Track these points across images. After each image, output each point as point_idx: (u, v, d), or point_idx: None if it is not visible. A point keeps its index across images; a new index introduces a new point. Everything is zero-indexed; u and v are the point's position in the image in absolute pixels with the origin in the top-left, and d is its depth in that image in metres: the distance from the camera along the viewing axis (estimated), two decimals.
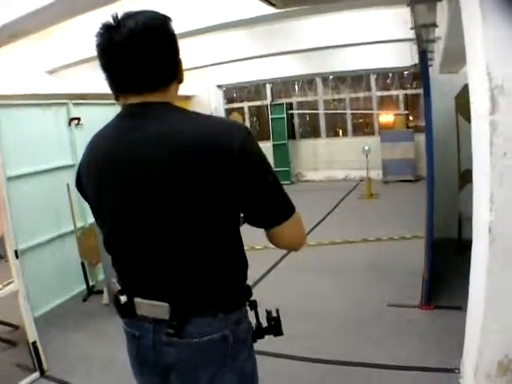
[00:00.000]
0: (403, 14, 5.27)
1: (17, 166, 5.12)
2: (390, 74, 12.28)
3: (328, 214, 8.81)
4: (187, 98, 13.64)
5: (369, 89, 12.53)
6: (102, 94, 8.85)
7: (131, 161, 1.45)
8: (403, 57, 7.24)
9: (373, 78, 12.37)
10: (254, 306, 1.69)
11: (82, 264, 5.60)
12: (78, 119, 5.91)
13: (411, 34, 4.73)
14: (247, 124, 13.58)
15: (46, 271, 5.37)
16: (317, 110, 12.98)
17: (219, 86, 13.75)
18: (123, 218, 1.50)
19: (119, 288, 1.59)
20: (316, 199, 10.29)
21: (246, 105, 13.86)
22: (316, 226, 8.00)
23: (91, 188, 1.58)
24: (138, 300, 1.53)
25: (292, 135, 13.13)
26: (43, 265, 5.38)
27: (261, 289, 5.43)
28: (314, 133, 13.32)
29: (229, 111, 13.72)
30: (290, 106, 13.05)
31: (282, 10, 5.67)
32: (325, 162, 12.83)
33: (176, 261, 1.46)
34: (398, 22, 7.32)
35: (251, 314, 1.67)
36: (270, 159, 12.47)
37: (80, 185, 1.66)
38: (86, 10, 4.26)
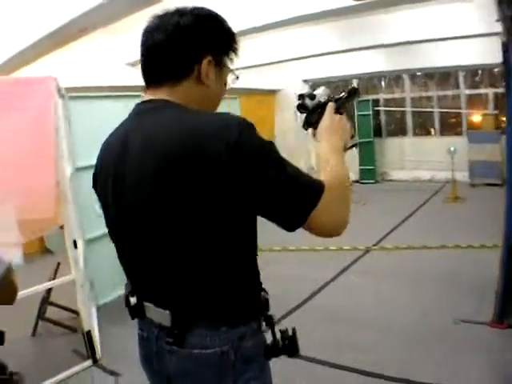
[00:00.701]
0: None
1: (87, 157, 5.19)
2: (480, 72, 11.51)
3: (409, 216, 8.44)
4: (272, 92, 13.55)
5: (457, 86, 11.85)
6: None
7: (120, 172, 1.42)
8: (493, 53, 6.79)
9: (461, 75, 11.68)
10: (269, 321, 1.52)
11: None
12: None
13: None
14: None
15: (114, 260, 5.36)
16: (404, 107, 12.50)
17: (305, 81, 13.54)
18: (122, 227, 1.49)
19: (130, 289, 1.56)
20: (399, 200, 9.94)
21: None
22: (395, 228, 7.71)
23: (100, 191, 1.59)
24: (146, 303, 1.49)
25: (378, 133, 12.71)
26: (112, 254, 5.38)
27: (327, 293, 5.28)
28: (400, 131, 12.81)
29: None
30: (376, 102, 12.66)
31: (361, 2, 5.50)
32: (411, 162, 12.30)
33: (176, 269, 1.37)
34: (484, 15, 6.91)
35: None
36: (356, 157, 12.20)
37: (96, 186, 1.63)
38: (150, 3, 4.26)
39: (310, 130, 1.67)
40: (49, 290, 4.69)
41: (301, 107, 1.70)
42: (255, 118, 8.48)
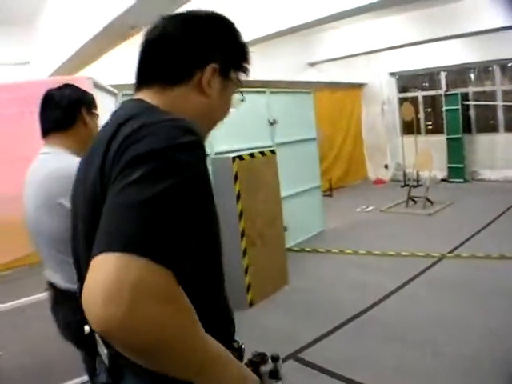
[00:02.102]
0: None
1: None
2: None
3: (493, 220, 7.72)
4: (358, 86, 13.12)
5: None
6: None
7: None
8: None
9: None
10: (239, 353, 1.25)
11: None
12: None
13: None
14: (421, 115, 12.68)
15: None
16: (494, 101, 11.55)
17: (392, 74, 12.98)
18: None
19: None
20: (486, 202, 9.16)
21: (419, 94, 12.86)
22: (476, 234, 7.06)
23: None
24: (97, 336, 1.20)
25: (467, 129, 11.83)
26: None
27: (387, 306, 4.87)
28: (491, 127, 11.85)
29: (401, 101, 12.82)
30: (465, 96, 11.77)
31: None
32: (503, 160, 11.34)
33: None
34: None
35: None
36: (444, 154, 11.54)
37: None
38: None
39: None
40: None
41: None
42: (341, 111, 8.36)
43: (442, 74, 12.11)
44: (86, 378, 3.67)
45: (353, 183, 12.76)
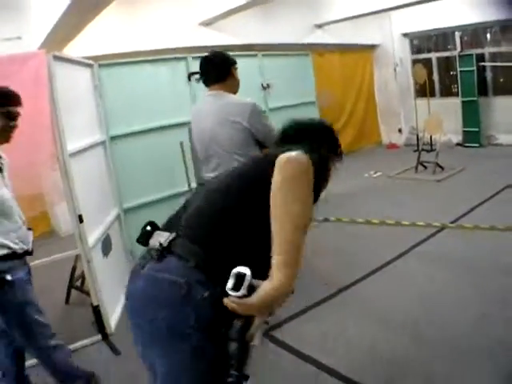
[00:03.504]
0: None
1: (123, 126, 5.16)
2: None
3: (504, 188, 7.29)
4: (369, 47, 12.66)
5: None
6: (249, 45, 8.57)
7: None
8: None
9: None
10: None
11: None
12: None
13: None
14: (435, 77, 12.20)
15: None
16: None
17: (405, 35, 12.46)
18: None
19: (148, 222, 1.82)
20: (500, 168, 8.67)
21: (433, 56, 12.31)
22: (483, 202, 6.71)
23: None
24: (157, 231, 1.76)
25: (483, 91, 11.24)
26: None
27: (372, 283, 4.61)
28: (509, 89, 11.11)
29: (415, 63, 12.32)
30: (481, 57, 11.15)
31: None
32: None
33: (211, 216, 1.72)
34: None
35: None
36: (459, 117, 11.17)
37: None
38: None
39: None
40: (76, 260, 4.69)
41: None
42: (352, 74, 7.98)
43: (457, 34, 11.53)
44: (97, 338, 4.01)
45: (366, 148, 12.40)
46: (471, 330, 3.55)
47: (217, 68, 3.55)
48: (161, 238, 1.65)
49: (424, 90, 11.45)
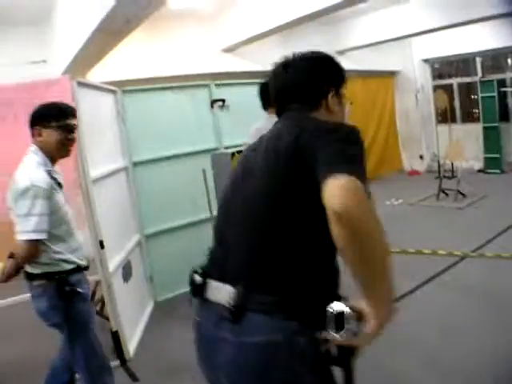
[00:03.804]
0: None
1: (145, 152, 5.23)
2: None
3: None
4: (391, 73, 12.70)
5: None
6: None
7: None
8: None
9: None
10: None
11: None
12: (223, 101, 5.61)
13: None
14: (456, 103, 12.16)
15: (176, 257, 5.30)
16: None
17: (425, 61, 12.50)
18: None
19: (195, 269, 1.71)
20: None
21: (454, 81, 12.32)
22: (505, 231, 6.63)
23: None
24: (210, 281, 1.62)
25: (505, 117, 11.21)
26: (173, 250, 5.38)
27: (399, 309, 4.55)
28: None
29: (436, 88, 12.31)
30: (502, 83, 11.15)
31: None
32: None
33: (265, 251, 1.55)
34: None
35: None
36: (480, 143, 11.20)
37: None
38: None
39: None
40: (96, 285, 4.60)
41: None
42: (374, 100, 7.96)
43: (478, 60, 11.54)
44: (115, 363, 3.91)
45: (387, 174, 12.34)
46: (493, 359, 3.49)
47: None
48: (224, 295, 1.52)
49: (445, 116, 11.43)
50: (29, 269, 2.73)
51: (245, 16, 8.07)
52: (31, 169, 2.66)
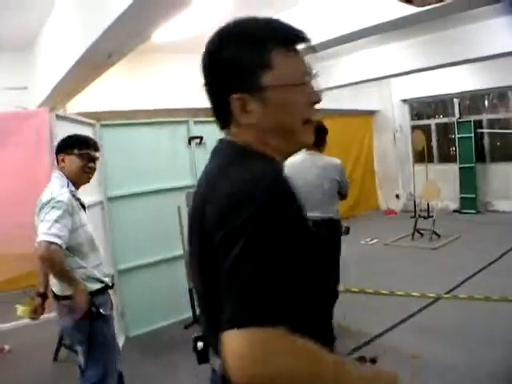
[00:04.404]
0: None
1: (121, 187, 5.22)
2: None
3: (501, 256, 7.31)
4: (369, 113, 12.88)
5: None
6: None
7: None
8: None
9: None
10: None
11: (190, 290, 5.20)
12: (201, 138, 5.64)
13: None
14: (433, 143, 12.35)
15: (149, 293, 5.31)
16: (510, 129, 11.10)
17: (404, 101, 12.72)
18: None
19: (198, 334, 1.42)
20: (496, 235, 8.77)
21: (432, 122, 12.54)
22: (479, 271, 6.69)
23: None
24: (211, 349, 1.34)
25: (481, 158, 11.42)
26: (147, 286, 5.34)
27: (366, 353, 4.50)
28: (506, 156, 11.29)
29: (414, 128, 12.51)
30: (479, 124, 11.40)
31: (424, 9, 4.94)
32: None
33: None
34: None
35: None
36: (456, 184, 11.28)
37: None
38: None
39: None
40: None
41: None
42: (352, 138, 8.14)
43: (455, 101, 11.77)
44: None
45: (363, 213, 12.41)
46: None
47: (318, 135, 4.55)
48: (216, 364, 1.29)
49: (422, 156, 11.59)
50: (56, 290, 2.93)
51: None
52: (55, 188, 2.87)
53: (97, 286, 2.93)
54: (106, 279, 3.05)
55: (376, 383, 1.25)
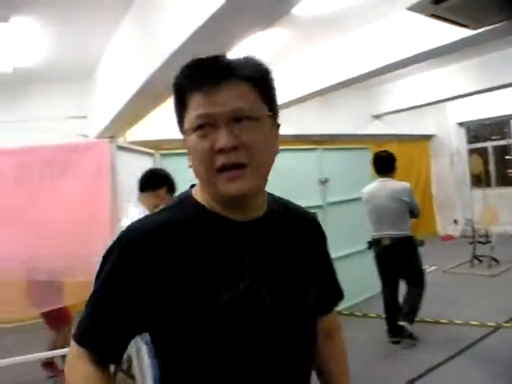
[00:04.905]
0: None
1: None
2: None
3: None
4: (426, 137, 12.76)
5: None
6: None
7: None
8: None
9: None
10: None
11: None
12: None
13: None
14: (491, 167, 12.07)
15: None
16: None
17: (460, 124, 12.52)
18: None
19: None
20: None
21: (489, 145, 12.30)
22: None
23: None
24: None
25: None
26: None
27: None
28: None
29: (471, 152, 12.28)
30: None
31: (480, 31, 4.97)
32: None
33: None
34: None
35: None
36: None
37: None
38: None
39: None
40: None
41: None
42: (410, 164, 8.15)
43: None
44: None
45: (422, 238, 12.13)
46: None
47: (388, 164, 5.49)
48: None
49: (480, 180, 11.35)
50: None
51: (285, 80, 8.17)
52: (134, 216, 3.03)
53: None
54: None
55: None
